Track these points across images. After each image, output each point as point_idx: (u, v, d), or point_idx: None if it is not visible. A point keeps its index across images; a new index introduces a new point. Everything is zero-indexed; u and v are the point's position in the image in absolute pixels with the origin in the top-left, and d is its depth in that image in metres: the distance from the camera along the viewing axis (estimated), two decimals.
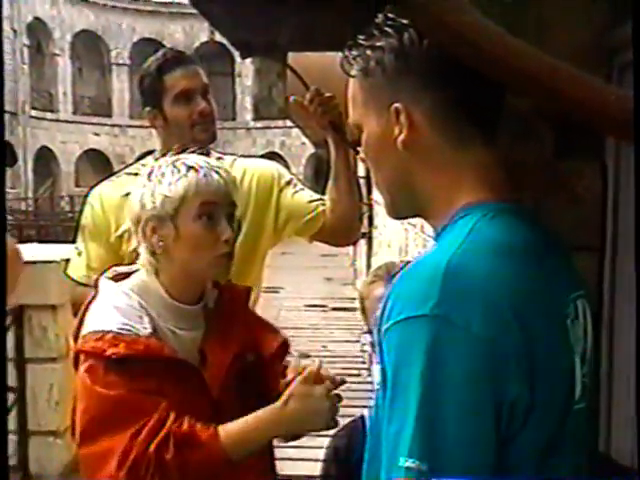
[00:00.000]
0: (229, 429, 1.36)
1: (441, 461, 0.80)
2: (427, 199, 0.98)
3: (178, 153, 1.51)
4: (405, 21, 0.93)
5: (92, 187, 2.14)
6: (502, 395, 0.83)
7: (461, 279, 0.84)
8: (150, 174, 1.45)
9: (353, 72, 1.00)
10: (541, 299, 0.90)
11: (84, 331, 1.41)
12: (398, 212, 1.06)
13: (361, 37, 0.98)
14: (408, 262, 1.05)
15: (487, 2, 1.28)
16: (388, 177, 1.01)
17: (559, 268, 0.98)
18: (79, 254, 2.07)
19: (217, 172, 1.44)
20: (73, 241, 2.14)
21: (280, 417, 1.36)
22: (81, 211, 2.14)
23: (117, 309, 1.41)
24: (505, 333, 0.83)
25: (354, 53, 0.99)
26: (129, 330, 1.38)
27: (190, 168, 1.42)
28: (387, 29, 0.95)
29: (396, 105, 0.95)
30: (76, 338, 1.43)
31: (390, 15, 0.95)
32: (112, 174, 2.22)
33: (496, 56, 0.86)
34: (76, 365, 1.42)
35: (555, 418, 0.89)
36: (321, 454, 2.40)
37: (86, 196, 2.13)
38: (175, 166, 1.43)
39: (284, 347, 1.64)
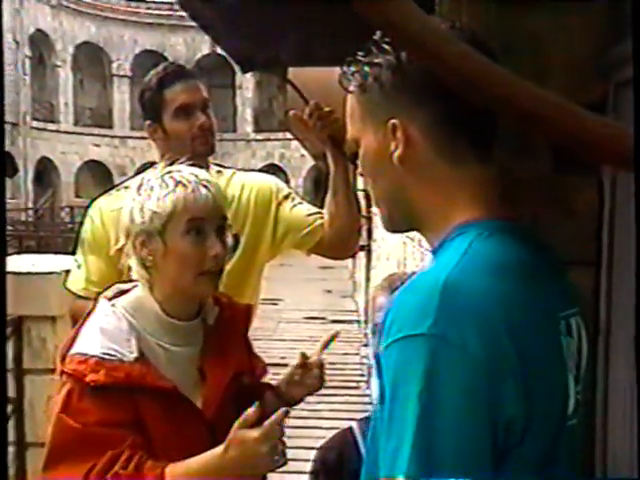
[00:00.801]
0: (176, 471, 1.33)
1: (438, 478, 0.81)
2: (423, 214, 0.99)
3: (171, 164, 1.51)
4: None
5: (93, 200, 2.16)
6: (499, 413, 0.83)
7: (458, 298, 0.85)
8: (139, 187, 1.44)
9: (351, 88, 1.01)
10: (536, 317, 0.90)
11: (70, 351, 1.41)
12: (394, 226, 1.07)
13: (359, 53, 0.99)
14: (412, 275, 1.05)
15: (485, 20, 1.30)
16: (385, 192, 1.02)
17: (553, 285, 0.98)
18: (78, 267, 2.08)
19: (205, 187, 1.43)
20: (73, 252, 2.15)
21: (221, 463, 1.34)
22: (81, 223, 2.15)
23: (103, 332, 1.40)
24: (501, 352, 0.84)
25: (352, 69, 1.00)
26: (113, 355, 1.37)
27: (178, 183, 1.41)
28: (385, 46, 0.96)
29: (393, 121, 0.95)
30: (63, 357, 1.42)
31: None
32: (112, 187, 2.23)
33: (483, 86, 0.87)
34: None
35: (549, 434, 0.90)
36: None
37: (87, 208, 2.14)
38: (164, 180, 1.42)
39: (265, 372, 1.67)
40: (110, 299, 1.49)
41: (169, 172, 1.44)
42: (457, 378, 0.82)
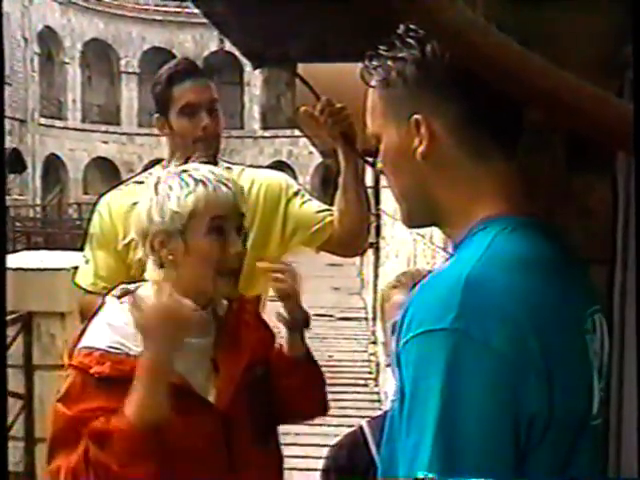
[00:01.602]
0: (128, 401, 1.30)
1: (459, 475, 0.80)
2: (445, 210, 0.98)
3: (184, 162, 1.50)
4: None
5: (101, 195, 2.16)
6: (521, 410, 0.82)
7: (480, 293, 0.84)
8: (157, 185, 1.43)
9: (373, 82, 1.00)
10: (560, 314, 0.89)
11: (78, 346, 1.41)
12: (414, 221, 1.06)
13: (382, 47, 0.98)
14: (430, 272, 1.05)
15: (500, 18, 1.28)
16: (406, 187, 1.01)
17: (576, 283, 0.97)
18: (87, 262, 2.08)
19: (225, 184, 1.42)
20: (81, 249, 2.16)
21: (140, 361, 1.31)
22: (89, 219, 2.15)
23: (111, 326, 1.40)
24: (524, 348, 0.83)
25: (374, 63, 0.99)
26: (118, 349, 1.37)
27: (199, 182, 1.40)
28: (409, 40, 0.95)
29: (416, 117, 0.95)
30: (71, 352, 1.42)
31: (412, 26, 0.95)
32: (121, 183, 2.23)
33: (521, 77, 0.86)
34: None
35: (573, 433, 0.89)
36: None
37: (95, 204, 2.14)
38: (183, 179, 1.41)
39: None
40: (118, 297, 1.48)
41: (186, 170, 1.43)
42: (479, 374, 0.81)
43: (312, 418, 1.74)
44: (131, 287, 1.51)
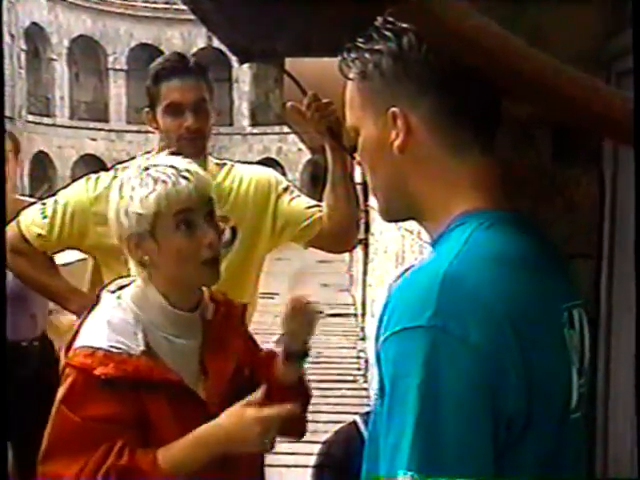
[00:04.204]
0: (167, 452, 1.35)
1: (439, 473, 0.80)
2: (422, 204, 0.98)
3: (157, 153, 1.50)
4: (405, 25, 0.92)
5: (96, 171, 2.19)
6: (500, 406, 0.82)
7: (458, 289, 0.84)
8: (121, 188, 1.42)
9: (351, 75, 0.99)
10: (538, 309, 0.89)
11: (76, 344, 1.40)
12: (392, 215, 1.06)
13: (360, 40, 0.97)
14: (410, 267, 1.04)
15: (484, 10, 1.28)
16: (384, 181, 1.00)
17: (555, 277, 0.97)
18: (44, 217, 2.09)
19: (185, 177, 1.40)
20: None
21: (212, 432, 1.36)
22: (75, 180, 2.19)
23: (110, 325, 1.39)
24: (502, 343, 0.83)
25: (352, 56, 0.98)
26: (120, 348, 1.36)
27: (157, 180, 1.38)
28: (386, 33, 0.94)
29: (393, 109, 0.94)
30: (67, 351, 1.41)
31: (390, 19, 0.94)
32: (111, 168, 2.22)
33: (501, 59, 0.86)
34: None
35: (552, 428, 0.89)
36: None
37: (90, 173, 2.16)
38: (142, 179, 1.39)
39: (272, 355, 1.64)
40: (114, 292, 1.48)
41: (147, 168, 1.41)
42: (458, 370, 0.81)
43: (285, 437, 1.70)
44: (124, 282, 1.50)
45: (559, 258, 1.04)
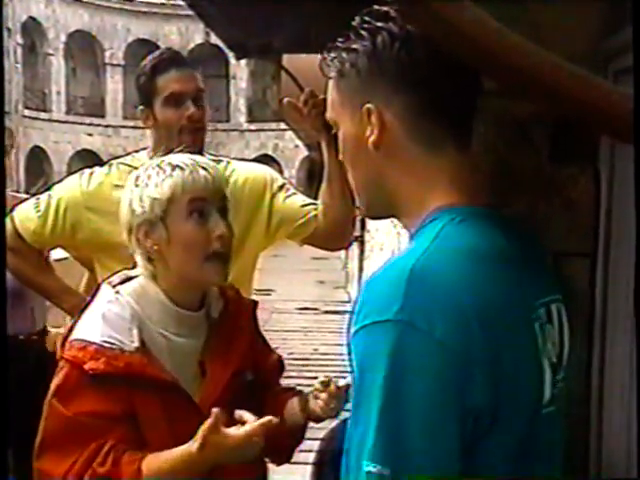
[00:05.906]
0: (153, 462, 1.31)
1: (404, 466, 0.81)
2: (399, 200, 0.99)
3: (167, 153, 1.49)
4: (380, 24, 0.95)
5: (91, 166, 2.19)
6: (466, 400, 0.83)
7: (425, 284, 0.85)
8: (137, 178, 1.42)
9: (330, 74, 1.01)
10: (507, 304, 0.90)
11: (71, 337, 1.39)
12: (372, 212, 1.08)
13: (339, 40, 0.99)
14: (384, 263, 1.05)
15: (481, 7, 1.28)
16: (362, 177, 1.02)
17: (530, 272, 0.98)
18: (37, 212, 2.08)
19: (204, 168, 1.41)
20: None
21: (195, 460, 1.30)
22: (71, 173, 2.19)
23: (105, 319, 1.38)
24: (469, 339, 0.83)
25: (332, 55, 1.00)
26: (113, 344, 1.35)
27: (175, 167, 1.39)
28: (362, 32, 0.96)
29: (368, 106, 0.96)
30: (64, 343, 1.41)
31: (366, 18, 0.97)
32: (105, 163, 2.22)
33: (497, 54, 0.85)
34: None
35: (522, 422, 0.90)
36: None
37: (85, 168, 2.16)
38: (160, 167, 1.40)
39: (281, 367, 1.64)
40: (114, 286, 1.46)
41: (164, 160, 1.43)
42: (423, 364, 0.82)
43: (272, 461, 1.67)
44: (132, 273, 1.48)
45: (537, 253, 1.04)
